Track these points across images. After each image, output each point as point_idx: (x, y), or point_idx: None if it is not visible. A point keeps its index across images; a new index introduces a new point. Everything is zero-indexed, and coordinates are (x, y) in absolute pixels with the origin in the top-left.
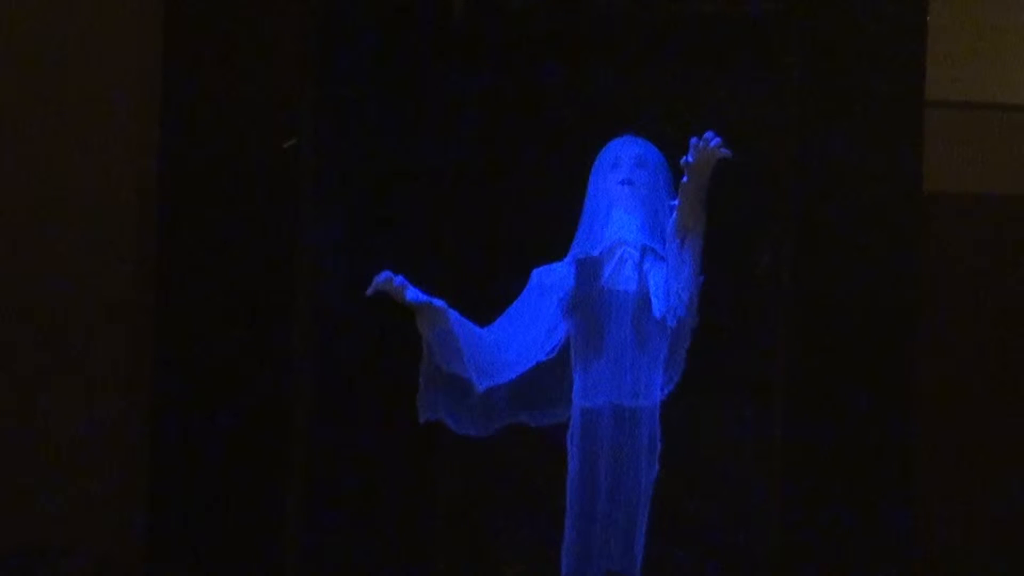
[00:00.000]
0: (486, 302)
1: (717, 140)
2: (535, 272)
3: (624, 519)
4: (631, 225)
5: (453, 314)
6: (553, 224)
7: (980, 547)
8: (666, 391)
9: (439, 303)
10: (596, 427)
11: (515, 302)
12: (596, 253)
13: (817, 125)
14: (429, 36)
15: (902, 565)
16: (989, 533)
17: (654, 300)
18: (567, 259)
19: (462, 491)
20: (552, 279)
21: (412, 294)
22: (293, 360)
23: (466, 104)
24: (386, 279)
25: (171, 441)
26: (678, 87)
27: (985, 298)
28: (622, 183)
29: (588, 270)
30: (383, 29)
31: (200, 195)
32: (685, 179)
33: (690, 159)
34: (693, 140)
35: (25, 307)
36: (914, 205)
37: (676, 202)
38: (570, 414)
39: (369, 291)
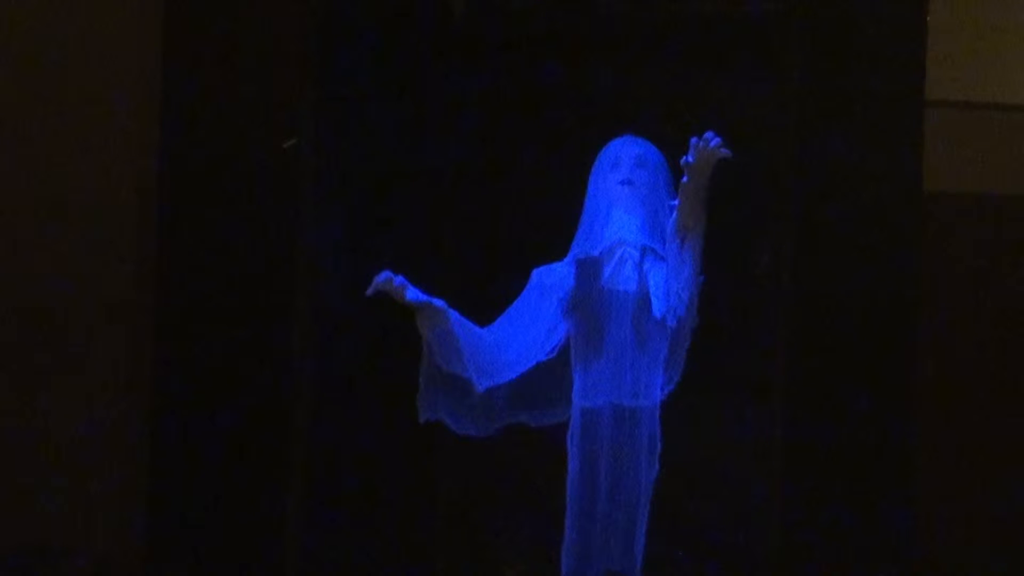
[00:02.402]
0: (486, 302)
1: (717, 140)
2: (535, 272)
3: (624, 519)
4: (631, 225)
5: (453, 314)
6: (553, 224)
7: (980, 547)
8: (666, 391)
9: (439, 303)
10: (596, 427)
11: (515, 302)
12: (596, 253)
13: (817, 125)
14: (429, 36)
15: (902, 565)
16: (989, 533)
17: (654, 300)
18: (567, 259)
19: (462, 491)
20: (552, 279)
21: (412, 294)
22: (293, 360)
23: (466, 104)
24: (386, 279)
25: (171, 441)
26: (678, 87)
27: (985, 298)
28: (622, 183)
29: (588, 270)
30: (383, 29)
31: (200, 195)
32: (685, 179)
33: (690, 159)
34: (693, 140)
35: (25, 307)
36: (914, 205)
37: (676, 202)
38: (570, 414)
39: (369, 291)
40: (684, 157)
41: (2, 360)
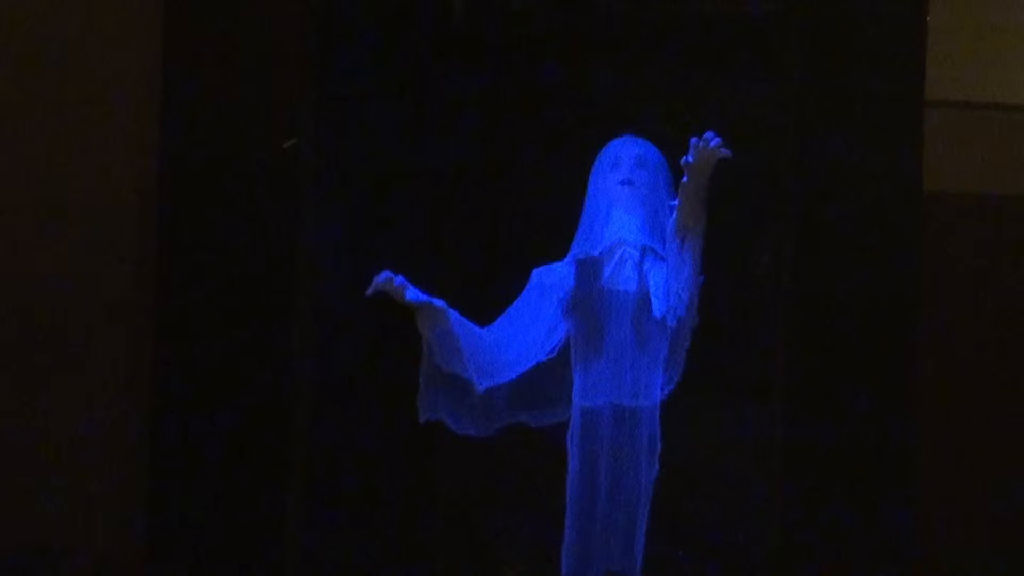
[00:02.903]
0: (486, 302)
1: (717, 140)
2: (535, 272)
3: (624, 519)
4: (631, 225)
5: (453, 314)
6: (553, 224)
7: (980, 547)
8: (666, 391)
9: (439, 303)
10: (596, 427)
11: (515, 302)
12: (596, 253)
13: (817, 125)
14: (429, 36)
15: (902, 565)
16: (989, 533)
17: (654, 300)
18: (567, 259)
19: (462, 491)
20: (552, 279)
21: (412, 294)
22: (293, 360)
23: (466, 104)
24: (386, 279)
25: (171, 441)
26: (678, 87)
27: (985, 298)
28: (622, 183)
29: (588, 270)
30: (383, 29)
31: (200, 195)
32: (685, 179)
33: (690, 159)
34: (693, 140)
35: (25, 307)
36: (914, 205)
37: (676, 202)
38: (570, 414)
39: (369, 291)
40: (684, 157)
41: (2, 360)
